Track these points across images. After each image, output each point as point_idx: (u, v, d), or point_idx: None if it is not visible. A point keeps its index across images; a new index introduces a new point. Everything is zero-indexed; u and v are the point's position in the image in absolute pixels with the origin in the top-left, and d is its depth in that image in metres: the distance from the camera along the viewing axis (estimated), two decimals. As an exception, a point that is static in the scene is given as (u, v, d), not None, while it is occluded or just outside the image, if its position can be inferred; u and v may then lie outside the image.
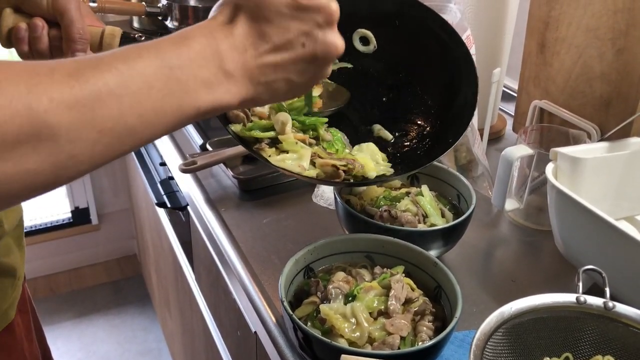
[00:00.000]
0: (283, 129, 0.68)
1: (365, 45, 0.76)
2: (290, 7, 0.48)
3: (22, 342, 0.76)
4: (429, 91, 0.74)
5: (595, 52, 0.92)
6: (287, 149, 0.67)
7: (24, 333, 0.77)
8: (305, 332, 0.59)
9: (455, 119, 0.71)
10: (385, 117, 0.75)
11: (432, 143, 0.72)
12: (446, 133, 0.71)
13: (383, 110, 0.76)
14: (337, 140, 0.71)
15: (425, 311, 0.64)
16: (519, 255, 0.88)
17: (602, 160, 0.80)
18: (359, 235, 0.72)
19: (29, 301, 0.85)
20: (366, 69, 0.76)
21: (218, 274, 1.00)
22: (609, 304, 0.60)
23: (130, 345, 2.11)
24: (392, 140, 0.74)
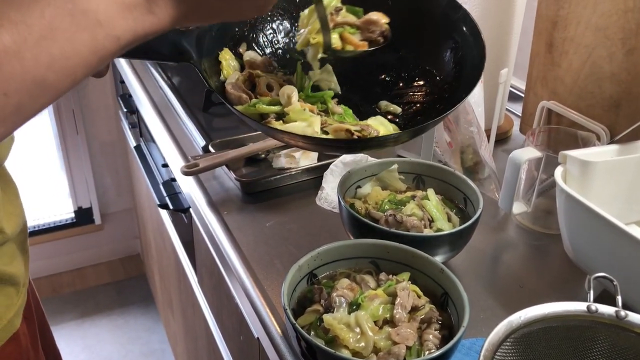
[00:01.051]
0: (289, 101, 0.65)
1: None
2: None
3: (28, 352, 0.75)
4: (432, 62, 0.73)
5: (604, 52, 0.90)
6: (295, 118, 0.64)
7: (29, 341, 0.75)
8: (308, 342, 0.57)
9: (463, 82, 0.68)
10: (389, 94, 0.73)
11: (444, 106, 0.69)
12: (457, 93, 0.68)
13: (386, 88, 0.74)
14: (348, 114, 0.69)
15: (431, 319, 0.63)
16: (526, 260, 0.86)
17: (613, 164, 0.78)
18: (364, 241, 0.71)
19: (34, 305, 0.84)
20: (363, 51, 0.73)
21: (220, 278, 0.98)
22: (621, 312, 0.58)
23: (134, 346, 2.10)
24: (400, 113, 0.71)
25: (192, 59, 0.65)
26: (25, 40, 0.37)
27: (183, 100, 1.28)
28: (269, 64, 0.73)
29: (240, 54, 0.72)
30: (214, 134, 1.14)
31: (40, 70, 0.38)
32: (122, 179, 2.33)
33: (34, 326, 0.78)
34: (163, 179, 1.27)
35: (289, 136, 0.61)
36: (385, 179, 0.85)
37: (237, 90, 0.67)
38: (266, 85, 0.69)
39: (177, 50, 0.64)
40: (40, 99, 0.39)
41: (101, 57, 0.41)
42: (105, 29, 0.40)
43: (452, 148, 0.99)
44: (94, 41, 0.40)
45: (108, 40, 0.41)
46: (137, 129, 1.65)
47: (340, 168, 0.97)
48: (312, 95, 0.69)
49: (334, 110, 0.69)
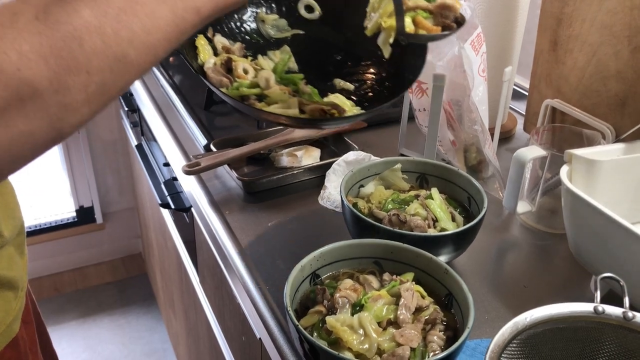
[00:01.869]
0: (268, 84, 0.74)
1: (310, 12, 0.81)
2: None
3: (27, 356, 0.74)
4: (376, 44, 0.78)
5: (610, 50, 0.89)
6: (276, 100, 0.72)
7: (28, 346, 0.75)
8: (311, 344, 0.57)
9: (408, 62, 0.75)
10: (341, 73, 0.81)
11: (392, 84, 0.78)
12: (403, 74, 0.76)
13: (338, 67, 0.82)
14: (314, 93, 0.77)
15: (436, 320, 0.62)
16: (530, 260, 0.85)
17: (619, 163, 0.77)
18: (367, 241, 0.70)
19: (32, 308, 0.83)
20: (316, 34, 0.82)
21: (222, 278, 0.98)
22: (628, 314, 0.58)
23: (135, 346, 2.10)
24: (353, 90, 0.80)
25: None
26: (106, 14, 0.36)
27: (184, 99, 1.27)
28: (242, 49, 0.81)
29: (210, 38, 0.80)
30: (216, 132, 1.14)
31: (121, 46, 0.37)
32: (123, 178, 2.32)
33: (32, 330, 0.77)
34: (164, 178, 1.27)
35: (275, 116, 0.68)
36: (389, 178, 0.84)
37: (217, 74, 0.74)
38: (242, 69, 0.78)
39: None
40: (123, 76, 0.38)
41: (182, 30, 0.41)
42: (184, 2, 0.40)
43: (456, 147, 0.98)
44: (174, 14, 0.40)
45: (188, 12, 0.41)
46: (138, 128, 1.64)
47: (343, 167, 0.96)
48: (285, 77, 0.77)
49: (304, 90, 0.77)
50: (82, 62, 0.36)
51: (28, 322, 0.76)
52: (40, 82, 0.34)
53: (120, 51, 0.37)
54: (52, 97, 0.35)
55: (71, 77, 0.35)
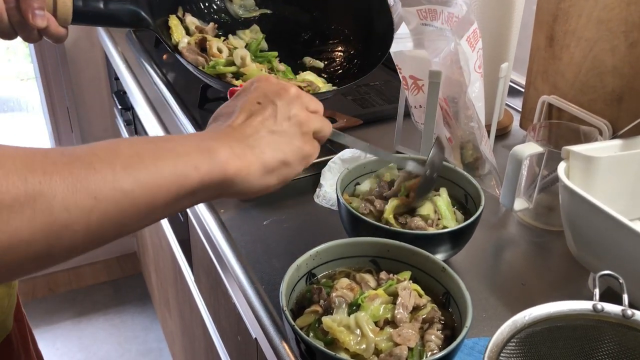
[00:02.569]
0: (244, 62, 0.76)
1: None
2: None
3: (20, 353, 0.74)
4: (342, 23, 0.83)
5: (607, 45, 0.89)
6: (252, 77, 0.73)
7: (20, 343, 0.75)
8: (308, 344, 0.56)
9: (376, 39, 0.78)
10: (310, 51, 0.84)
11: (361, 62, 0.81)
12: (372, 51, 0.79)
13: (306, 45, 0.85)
14: (288, 71, 0.79)
15: (433, 319, 0.61)
16: (528, 257, 0.85)
17: (617, 159, 0.76)
18: (363, 239, 0.69)
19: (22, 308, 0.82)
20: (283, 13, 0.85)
21: (217, 277, 0.97)
22: (627, 311, 0.57)
23: (131, 346, 2.09)
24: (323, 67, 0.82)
25: (151, 26, 0.74)
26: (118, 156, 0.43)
27: (178, 97, 1.26)
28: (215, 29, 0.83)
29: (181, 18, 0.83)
30: (210, 130, 1.13)
31: (127, 181, 0.42)
32: (118, 176, 2.31)
33: (23, 327, 0.77)
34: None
35: None
36: (384, 176, 0.84)
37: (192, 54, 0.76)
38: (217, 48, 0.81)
39: (136, 18, 0.73)
40: (123, 212, 0.42)
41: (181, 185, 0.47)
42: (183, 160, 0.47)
43: (452, 144, 0.97)
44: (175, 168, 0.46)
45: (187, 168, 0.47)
46: (132, 126, 1.63)
47: (339, 165, 0.95)
48: (260, 55, 0.79)
49: (278, 68, 0.79)
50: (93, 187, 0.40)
51: (19, 319, 0.76)
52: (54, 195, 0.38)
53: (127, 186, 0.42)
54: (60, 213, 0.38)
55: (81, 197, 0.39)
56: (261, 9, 0.82)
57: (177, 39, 0.77)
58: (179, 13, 0.81)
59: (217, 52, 0.78)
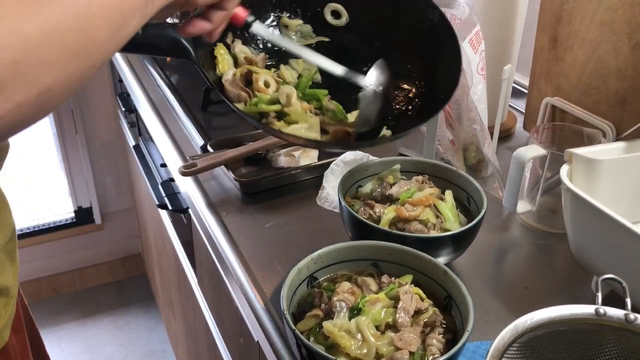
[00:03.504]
0: (289, 101, 0.68)
1: (337, 18, 0.76)
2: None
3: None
4: (406, 56, 0.75)
5: (610, 47, 0.88)
6: (296, 119, 0.67)
7: (19, 353, 0.74)
8: (308, 348, 0.56)
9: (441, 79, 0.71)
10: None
11: (421, 103, 0.73)
12: (434, 92, 0.71)
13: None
14: (339, 110, 0.72)
15: (435, 323, 0.61)
16: (531, 260, 0.84)
17: (620, 161, 0.76)
18: (365, 243, 0.69)
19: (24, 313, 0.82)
20: (342, 42, 0.76)
21: (220, 280, 0.97)
22: (630, 316, 0.57)
23: (135, 347, 2.09)
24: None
25: (192, 57, 0.67)
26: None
27: (181, 99, 1.26)
28: (265, 60, 0.74)
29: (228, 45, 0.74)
30: (213, 133, 1.13)
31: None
32: (122, 178, 2.31)
33: (23, 338, 0.76)
34: (162, 179, 1.26)
35: (294, 138, 0.65)
36: (387, 178, 0.83)
37: (235, 88, 0.68)
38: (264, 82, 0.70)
39: (176, 46, 0.67)
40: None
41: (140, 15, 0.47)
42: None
43: (455, 146, 0.97)
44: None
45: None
46: (135, 128, 1.63)
47: (341, 167, 0.95)
48: (309, 93, 0.71)
49: (328, 107, 0.71)
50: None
51: (19, 329, 0.75)
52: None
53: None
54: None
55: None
56: (318, 37, 0.75)
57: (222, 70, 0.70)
58: (228, 39, 0.73)
59: (263, 87, 0.71)
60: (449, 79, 0.68)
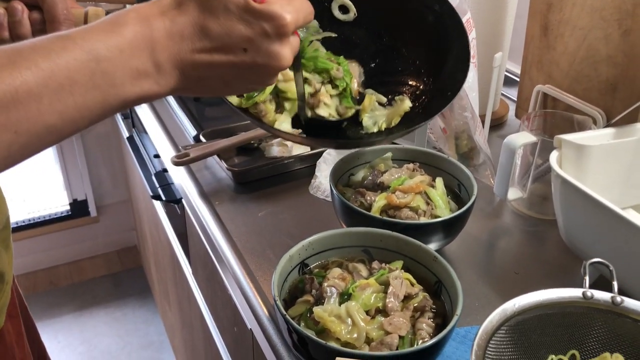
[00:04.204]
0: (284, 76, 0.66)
1: (344, 13, 0.75)
2: (240, 8, 0.45)
3: (13, 349, 0.74)
4: (414, 52, 0.73)
5: (600, 34, 0.88)
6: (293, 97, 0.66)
7: (14, 339, 0.74)
8: (299, 333, 0.56)
9: (449, 74, 0.69)
10: (375, 82, 0.74)
11: (429, 100, 0.71)
12: (442, 89, 0.69)
13: (371, 75, 0.75)
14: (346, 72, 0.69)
15: (425, 307, 0.62)
16: (522, 246, 0.85)
17: (609, 147, 0.77)
18: (356, 229, 0.69)
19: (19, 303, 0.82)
20: (349, 37, 0.75)
21: (214, 269, 0.97)
22: (617, 298, 0.57)
23: (132, 339, 2.10)
24: (386, 103, 0.72)
25: None
26: (46, 86, 0.40)
27: (174, 90, 1.26)
28: None
29: None
30: (206, 123, 1.13)
31: (52, 117, 0.40)
32: (117, 170, 2.31)
33: (18, 324, 0.77)
34: (155, 170, 1.26)
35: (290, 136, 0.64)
36: (379, 166, 0.84)
37: None
38: None
39: None
40: (44, 143, 0.42)
41: (105, 113, 0.44)
42: (116, 91, 0.43)
43: (447, 134, 0.97)
44: (104, 100, 0.43)
45: (116, 100, 0.44)
46: (129, 120, 1.63)
47: (334, 156, 0.95)
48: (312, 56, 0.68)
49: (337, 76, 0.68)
50: (14, 122, 0.39)
51: (14, 315, 0.75)
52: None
53: (51, 121, 0.40)
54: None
55: (0, 133, 0.38)
56: (325, 32, 0.73)
57: None
58: None
59: None
60: (457, 74, 0.68)
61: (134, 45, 0.43)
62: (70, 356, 2.03)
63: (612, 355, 0.56)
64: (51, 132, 0.41)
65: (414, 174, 0.80)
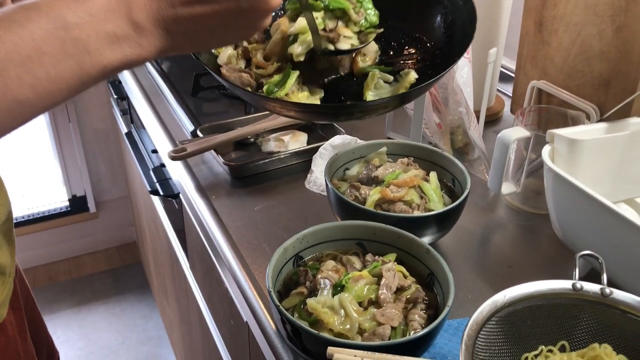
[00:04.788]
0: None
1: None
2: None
3: (15, 341, 0.74)
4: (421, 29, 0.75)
5: (594, 30, 0.89)
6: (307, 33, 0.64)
7: (16, 331, 0.75)
8: (293, 324, 0.57)
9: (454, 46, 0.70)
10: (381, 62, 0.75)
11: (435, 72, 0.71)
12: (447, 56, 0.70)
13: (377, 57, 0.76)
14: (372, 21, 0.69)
15: (417, 299, 0.62)
16: (515, 240, 0.86)
17: (601, 142, 0.77)
18: (350, 223, 0.70)
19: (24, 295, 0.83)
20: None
21: (210, 263, 0.98)
22: (606, 290, 0.58)
23: (131, 334, 2.11)
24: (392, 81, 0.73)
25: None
26: (12, 60, 0.38)
27: (172, 86, 1.27)
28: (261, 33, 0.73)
29: None
30: (203, 118, 1.13)
31: (23, 90, 0.39)
32: (116, 166, 2.32)
33: (21, 316, 0.77)
34: (153, 165, 1.27)
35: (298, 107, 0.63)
36: (374, 160, 0.85)
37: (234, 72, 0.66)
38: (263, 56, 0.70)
39: None
40: (18, 117, 0.40)
41: (85, 82, 0.42)
42: (92, 58, 0.41)
43: (442, 129, 0.98)
44: (80, 68, 0.41)
45: (94, 68, 0.41)
46: (127, 116, 1.63)
47: (329, 151, 0.96)
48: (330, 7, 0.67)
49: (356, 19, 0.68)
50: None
51: (17, 307, 0.76)
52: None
53: (22, 95, 0.39)
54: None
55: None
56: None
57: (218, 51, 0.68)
58: None
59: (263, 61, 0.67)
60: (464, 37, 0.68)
61: (106, 8, 0.41)
62: (69, 351, 2.04)
63: (601, 346, 0.57)
64: (24, 106, 0.39)
65: (408, 168, 0.81)
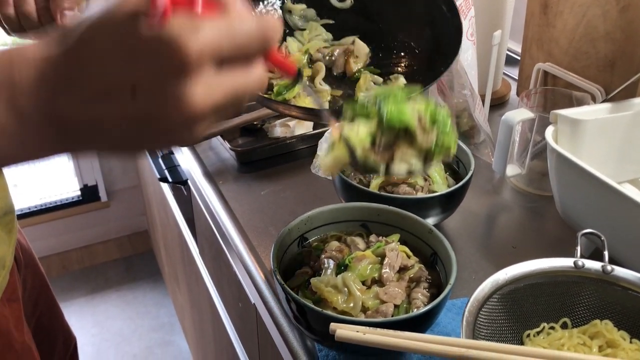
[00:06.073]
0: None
1: (341, 1, 0.77)
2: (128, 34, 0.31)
3: (10, 334, 0.73)
4: (410, 35, 0.76)
5: (599, 11, 0.89)
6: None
7: (12, 323, 0.74)
8: (298, 302, 0.58)
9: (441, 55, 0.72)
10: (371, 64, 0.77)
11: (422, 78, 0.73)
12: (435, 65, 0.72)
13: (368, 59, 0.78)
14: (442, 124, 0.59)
15: (420, 278, 0.63)
16: (520, 222, 0.86)
17: (604, 122, 0.77)
18: (354, 204, 0.71)
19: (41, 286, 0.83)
20: (346, 24, 0.77)
21: (219, 247, 0.99)
22: (607, 267, 0.59)
23: (143, 321, 2.14)
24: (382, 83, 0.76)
25: None
26: None
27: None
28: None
29: None
30: (210, 105, 1.14)
31: None
32: (126, 156, 2.34)
33: (18, 307, 0.76)
34: (162, 152, 1.28)
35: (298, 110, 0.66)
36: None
37: None
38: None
39: None
40: None
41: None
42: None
43: (447, 113, 0.98)
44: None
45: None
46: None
47: (335, 135, 0.97)
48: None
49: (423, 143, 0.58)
50: None
51: (14, 299, 0.75)
52: None
53: None
54: None
55: None
56: (323, 20, 0.76)
57: None
58: None
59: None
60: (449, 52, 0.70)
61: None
62: (82, 339, 2.07)
63: (602, 322, 0.58)
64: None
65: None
